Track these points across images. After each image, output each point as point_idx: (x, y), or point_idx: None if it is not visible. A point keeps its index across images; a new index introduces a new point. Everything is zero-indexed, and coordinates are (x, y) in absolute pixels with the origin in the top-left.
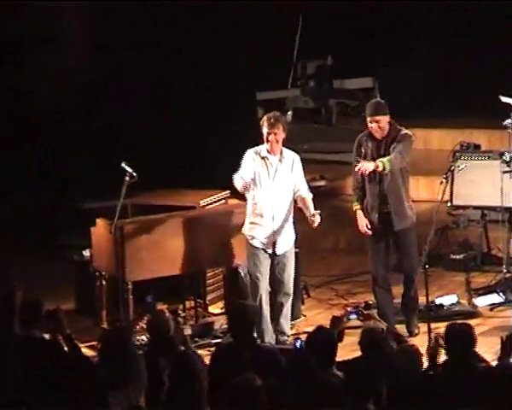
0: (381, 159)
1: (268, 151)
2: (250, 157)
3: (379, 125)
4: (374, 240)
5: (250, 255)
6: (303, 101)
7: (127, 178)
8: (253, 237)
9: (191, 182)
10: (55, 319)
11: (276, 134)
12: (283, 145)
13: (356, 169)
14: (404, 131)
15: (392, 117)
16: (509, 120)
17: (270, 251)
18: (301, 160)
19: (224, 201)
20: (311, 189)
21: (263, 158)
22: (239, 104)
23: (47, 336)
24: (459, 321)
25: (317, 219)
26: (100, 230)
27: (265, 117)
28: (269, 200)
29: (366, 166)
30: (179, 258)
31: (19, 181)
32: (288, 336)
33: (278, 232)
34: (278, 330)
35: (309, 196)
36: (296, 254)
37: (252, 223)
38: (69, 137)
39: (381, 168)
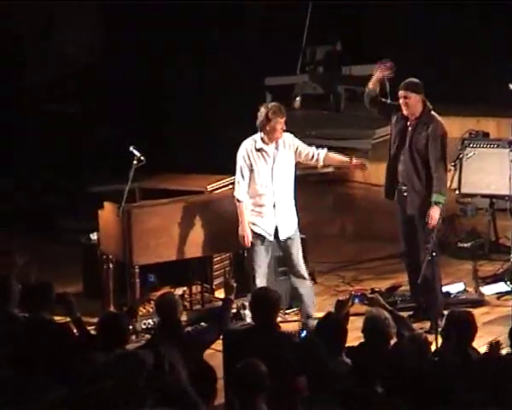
0: (434, 199)
1: (264, 141)
2: (245, 154)
3: (406, 101)
4: (399, 215)
5: (252, 239)
6: (312, 87)
7: (135, 162)
8: (254, 224)
9: (201, 167)
10: (65, 302)
11: (286, 123)
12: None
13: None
14: (436, 118)
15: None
16: None
17: (271, 239)
18: (309, 145)
19: (231, 186)
20: (318, 175)
21: (258, 150)
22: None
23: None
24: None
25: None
26: (107, 213)
27: (272, 107)
28: (269, 190)
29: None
30: (186, 243)
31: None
32: (315, 319)
33: (280, 219)
34: (303, 315)
35: (326, 151)
36: (302, 239)
37: (253, 211)
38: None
39: (442, 206)
